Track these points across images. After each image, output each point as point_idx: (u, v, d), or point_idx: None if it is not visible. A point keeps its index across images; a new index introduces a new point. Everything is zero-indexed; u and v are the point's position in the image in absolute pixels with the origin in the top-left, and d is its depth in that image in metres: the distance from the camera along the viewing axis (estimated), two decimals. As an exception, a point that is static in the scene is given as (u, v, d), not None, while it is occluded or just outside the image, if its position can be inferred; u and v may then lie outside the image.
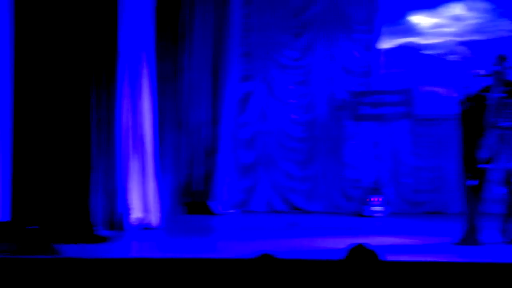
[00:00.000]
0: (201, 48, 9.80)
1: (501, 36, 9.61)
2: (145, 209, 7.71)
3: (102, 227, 6.96)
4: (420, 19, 9.93)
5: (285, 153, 10.26)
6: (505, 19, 9.61)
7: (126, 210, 7.42)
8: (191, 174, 9.78)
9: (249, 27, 10.32)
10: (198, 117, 9.86)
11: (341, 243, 6.32)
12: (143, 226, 7.67)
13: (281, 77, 10.31)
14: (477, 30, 9.70)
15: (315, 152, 10.13)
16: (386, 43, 9.99)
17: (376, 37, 10.00)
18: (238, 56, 10.04)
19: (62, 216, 6.70)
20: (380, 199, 9.43)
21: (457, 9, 9.81)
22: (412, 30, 9.91)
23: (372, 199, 9.44)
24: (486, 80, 7.01)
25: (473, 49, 9.68)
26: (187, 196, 9.71)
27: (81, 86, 6.91)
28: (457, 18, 9.83)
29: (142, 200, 7.71)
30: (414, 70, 9.87)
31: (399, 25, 9.94)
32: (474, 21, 9.73)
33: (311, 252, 6.02)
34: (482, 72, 7.09)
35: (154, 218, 7.76)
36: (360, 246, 3.34)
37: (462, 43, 9.76)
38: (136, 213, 7.59)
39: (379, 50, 9.98)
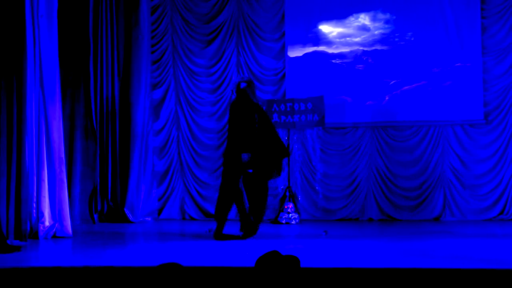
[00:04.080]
0: (110, 55, 9.69)
1: (402, 45, 10.01)
2: (58, 217, 7.60)
3: (14, 236, 6.84)
4: (328, 29, 10.17)
5: (199, 160, 10.32)
6: (406, 30, 10.00)
7: (39, 218, 7.31)
8: (106, 182, 9.62)
9: (158, 34, 10.37)
10: (110, 124, 9.76)
11: (256, 250, 6.49)
12: (56, 235, 7.56)
13: (192, 85, 10.37)
14: (381, 40, 10.07)
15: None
16: (295, 52, 10.22)
17: (285, 46, 10.22)
18: (148, 63, 10.00)
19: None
20: (293, 206, 9.52)
21: (362, 20, 10.13)
22: (320, 40, 10.14)
23: (285, 206, 9.53)
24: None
25: (378, 58, 10.04)
26: (103, 204, 9.57)
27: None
28: (363, 28, 10.14)
29: (54, 209, 7.58)
30: (324, 79, 10.10)
31: (308, 34, 10.16)
32: (378, 32, 10.09)
33: (224, 259, 6.10)
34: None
35: (66, 226, 7.65)
36: (274, 253, 3.36)
37: (368, 53, 10.11)
38: (48, 222, 7.48)
39: (289, 58, 10.20)
